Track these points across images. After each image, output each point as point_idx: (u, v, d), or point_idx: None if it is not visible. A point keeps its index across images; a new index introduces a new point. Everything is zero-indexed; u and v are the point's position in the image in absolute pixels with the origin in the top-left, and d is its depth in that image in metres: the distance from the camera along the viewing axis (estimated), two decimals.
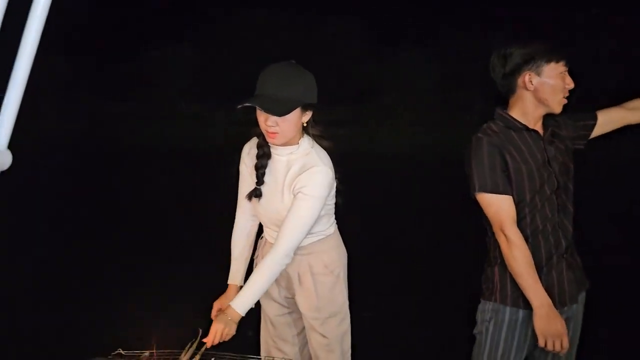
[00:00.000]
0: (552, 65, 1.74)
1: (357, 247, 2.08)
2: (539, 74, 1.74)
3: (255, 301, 1.91)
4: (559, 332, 1.70)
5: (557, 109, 1.78)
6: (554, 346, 1.71)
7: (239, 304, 1.84)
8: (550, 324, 1.70)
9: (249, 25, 22.72)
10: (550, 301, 1.73)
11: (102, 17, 22.05)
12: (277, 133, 1.80)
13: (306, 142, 1.91)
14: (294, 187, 1.86)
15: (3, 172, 0.88)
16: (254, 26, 22.66)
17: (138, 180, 9.09)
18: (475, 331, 1.93)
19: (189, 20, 22.84)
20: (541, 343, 1.73)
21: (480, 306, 1.92)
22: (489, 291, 1.87)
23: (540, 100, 1.77)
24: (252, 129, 1.95)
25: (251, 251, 2.14)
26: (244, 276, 2.08)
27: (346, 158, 2.00)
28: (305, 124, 1.88)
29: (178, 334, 1.85)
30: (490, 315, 1.85)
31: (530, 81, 1.75)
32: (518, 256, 1.71)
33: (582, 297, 1.92)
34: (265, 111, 1.75)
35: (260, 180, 1.93)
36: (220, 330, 1.80)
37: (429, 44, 21.90)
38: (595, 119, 1.92)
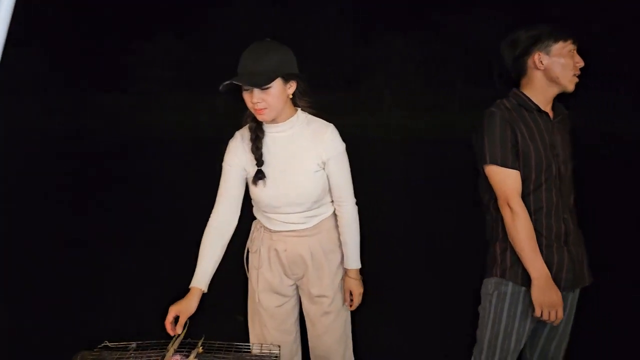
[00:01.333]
0: (561, 44, 1.78)
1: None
2: (548, 54, 1.79)
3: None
4: (555, 302, 1.75)
5: (570, 86, 1.81)
6: (549, 316, 1.76)
7: (354, 261, 2.01)
8: (546, 295, 1.74)
9: (234, 14, 22.61)
10: (548, 273, 1.77)
11: (86, 9, 21.84)
12: (265, 109, 1.79)
13: (301, 112, 1.93)
14: (321, 156, 1.89)
15: None
16: (239, 15, 22.55)
17: (124, 170, 9.05)
18: (479, 308, 1.96)
19: (174, 11, 22.67)
20: (537, 313, 1.76)
21: (483, 284, 1.96)
22: (491, 268, 1.91)
23: (551, 79, 1.81)
24: (243, 115, 1.92)
25: (222, 254, 1.96)
26: (209, 282, 1.90)
27: None
28: (291, 96, 1.87)
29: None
30: (493, 289, 1.89)
31: (541, 61, 1.80)
32: (520, 228, 1.76)
33: (577, 291, 1.93)
34: (244, 84, 1.75)
35: (260, 161, 1.89)
36: (359, 293, 2.03)
37: (412, 29, 21.96)
38: None
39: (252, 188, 1.95)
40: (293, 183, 1.89)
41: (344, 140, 1.95)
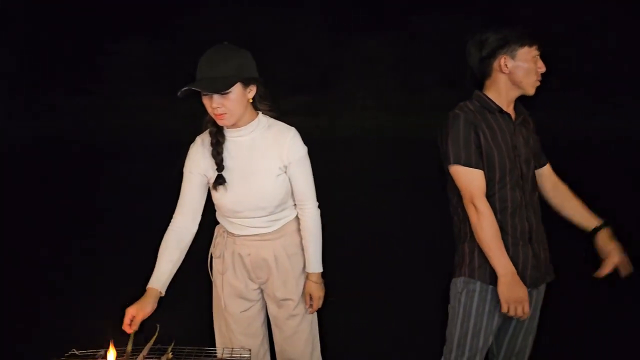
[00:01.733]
0: (526, 49, 1.83)
1: (323, 231, 2.08)
2: (513, 58, 1.84)
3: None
4: (521, 298, 1.78)
5: (530, 90, 1.87)
6: (515, 312, 1.79)
7: (316, 265, 2.00)
8: (512, 291, 1.78)
9: (206, 17, 22.44)
10: (514, 270, 1.81)
11: (57, 12, 21.42)
12: (225, 114, 1.79)
13: (262, 116, 1.92)
14: (282, 160, 1.88)
15: None
16: (213, 17, 22.39)
17: (94, 173, 8.91)
18: (449, 307, 1.99)
19: (145, 13, 22.37)
20: (504, 309, 1.80)
21: (452, 283, 1.99)
22: (459, 267, 1.94)
23: (514, 83, 1.86)
24: (203, 120, 1.91)
25: (181, 259, 1.97)
26: (167, 285, 1.91)
27: (308, 145, 1.96)
28: (251, 100, 1.87)
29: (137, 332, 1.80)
30: (462, 288, 1.92)
31: (506, 64, 1.85)
32: (486, 226, 1.81)
33: (542, 287, 1.98)
34: (203, 90, 1.75)
35: (220, 167, 1.88)
36: (320, 297, 2.02)
37: (386, 29, 22.09)
38: (542, 165, 2.05)
39: (213, 193, 1.94)
40: (255, 187, 1.88)
41: (317, 141, 1.98)
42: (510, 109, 1.91)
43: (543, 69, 1.86)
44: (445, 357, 1.97)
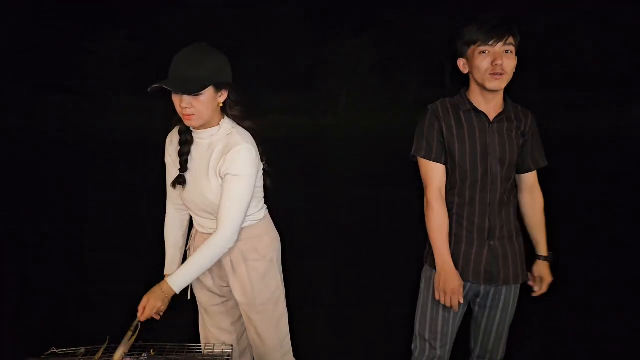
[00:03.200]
0: (472, 47, 1.85)
1: (303, 229, 2.06)
2: (466, 58, 1.89)
3: (191, 281, 1.85)
4: (453, 290, 1.88)
5: (488, 85, 1.85)
6: (447, 301, 1.90)
7: (175, 281, 1.78)
8: (447, 283, 1.88)
9: (186, 15, 22.26)
10: (451, 263, 1.89)
11: (37, 8, 21.09)
12: (193, 115, 1.77)
13: (227, 123, 1.88)
14: (219, 170, 1.83)
15: None
16: (193, 15, 22.22)
17: (75, 172, 8.81)
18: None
19: (125, 10, 22.11)
20: (436, 297, 1.92)
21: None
22: (425, 256, 2.04)
23: (475, 81, 1.89)
24: (173, 118, 1.90)
25: (185, 241, 2.08)
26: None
27: (291, 142, 1.96)
28: (222, 105, 1.85)
29: (113, 328, 1.80)
30: (423, 274, 2.04)
31: (464, 66, 1.90)
32: (432, 218, 1.90)
33: (515, 287, 2.00)
34: (174, 90, 1.73)
35: (183, 167, 1.88)
36: (153, 306, 1.75)
37: (366, 29, 22.14)
38: (527, 170, 2.01)
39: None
40: (200, 190, 1.87)
41: (298, 138, 1.96)
42: (489, 107, 1.91)
43: (497, 62, 1.82)
44: (413, 343, 2.07)
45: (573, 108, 18.15)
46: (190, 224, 2.07)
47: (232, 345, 1.74)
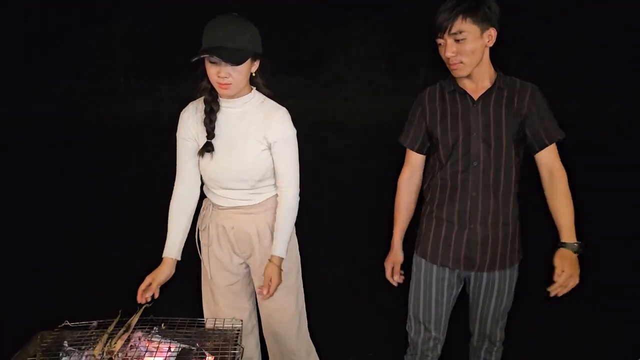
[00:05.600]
0: (438, 40, 1.80)
1: (311, 213, 2.08)
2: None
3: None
4: (389, 262, 2.10)
5: (453, 74, 1.85)
6: (387, 275, 2.10)
7: (282, 249, 1.94)
8: (388, 258, 2.11)
9: None
10: (398, 242, 2.09)
11: None
12: (230, 84, 1.79)
13: (256, 92, 1.93)
14: (266, 136, 1.88)
15: None
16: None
17: (85, 157, 8.85)
18: None
19: None
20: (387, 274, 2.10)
21: None
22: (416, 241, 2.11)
23: None
24: (199, 83, 1.90)
25: (189, 224, 2.03)
26: (181, 250, 1.99)
27: (297, 127, 1.97)
28: (253, 74, 1.88)
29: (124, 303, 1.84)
30: (414, 259, 2.09)
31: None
32: (396, 199, 2.09)
33: (510, 273, 1.97)
34: (225, 61, 1.73)
35: (211, 134, 1.89)
36: (277, 283, 1.94)
37: (375, 13, 21.93)
38: (537, 150, 1.87)
39: (199, 159, 1.95)
40: (238, 159, 1.88)
41: (306, 124, 1.96)
42: (476, 87, 1.84)
43: (447, 54, 1.78)
44: (407, 322, 2.13)
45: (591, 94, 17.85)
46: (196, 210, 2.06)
47: (241, 320, 1.77)
